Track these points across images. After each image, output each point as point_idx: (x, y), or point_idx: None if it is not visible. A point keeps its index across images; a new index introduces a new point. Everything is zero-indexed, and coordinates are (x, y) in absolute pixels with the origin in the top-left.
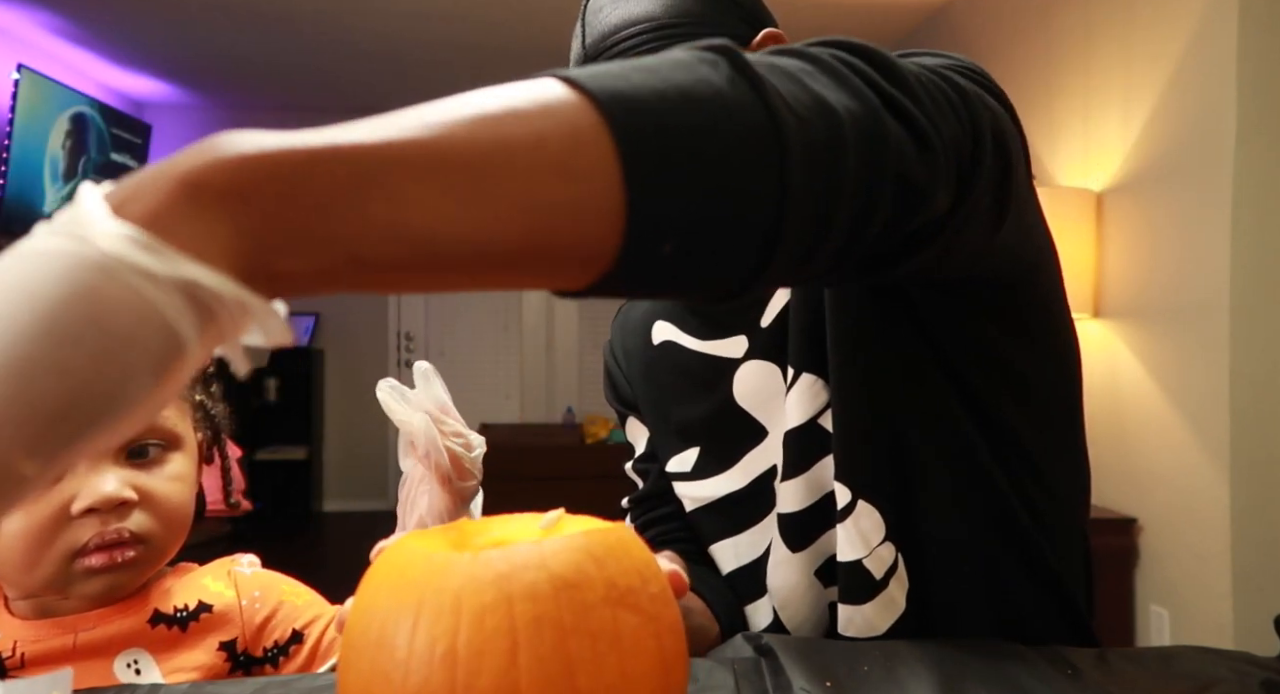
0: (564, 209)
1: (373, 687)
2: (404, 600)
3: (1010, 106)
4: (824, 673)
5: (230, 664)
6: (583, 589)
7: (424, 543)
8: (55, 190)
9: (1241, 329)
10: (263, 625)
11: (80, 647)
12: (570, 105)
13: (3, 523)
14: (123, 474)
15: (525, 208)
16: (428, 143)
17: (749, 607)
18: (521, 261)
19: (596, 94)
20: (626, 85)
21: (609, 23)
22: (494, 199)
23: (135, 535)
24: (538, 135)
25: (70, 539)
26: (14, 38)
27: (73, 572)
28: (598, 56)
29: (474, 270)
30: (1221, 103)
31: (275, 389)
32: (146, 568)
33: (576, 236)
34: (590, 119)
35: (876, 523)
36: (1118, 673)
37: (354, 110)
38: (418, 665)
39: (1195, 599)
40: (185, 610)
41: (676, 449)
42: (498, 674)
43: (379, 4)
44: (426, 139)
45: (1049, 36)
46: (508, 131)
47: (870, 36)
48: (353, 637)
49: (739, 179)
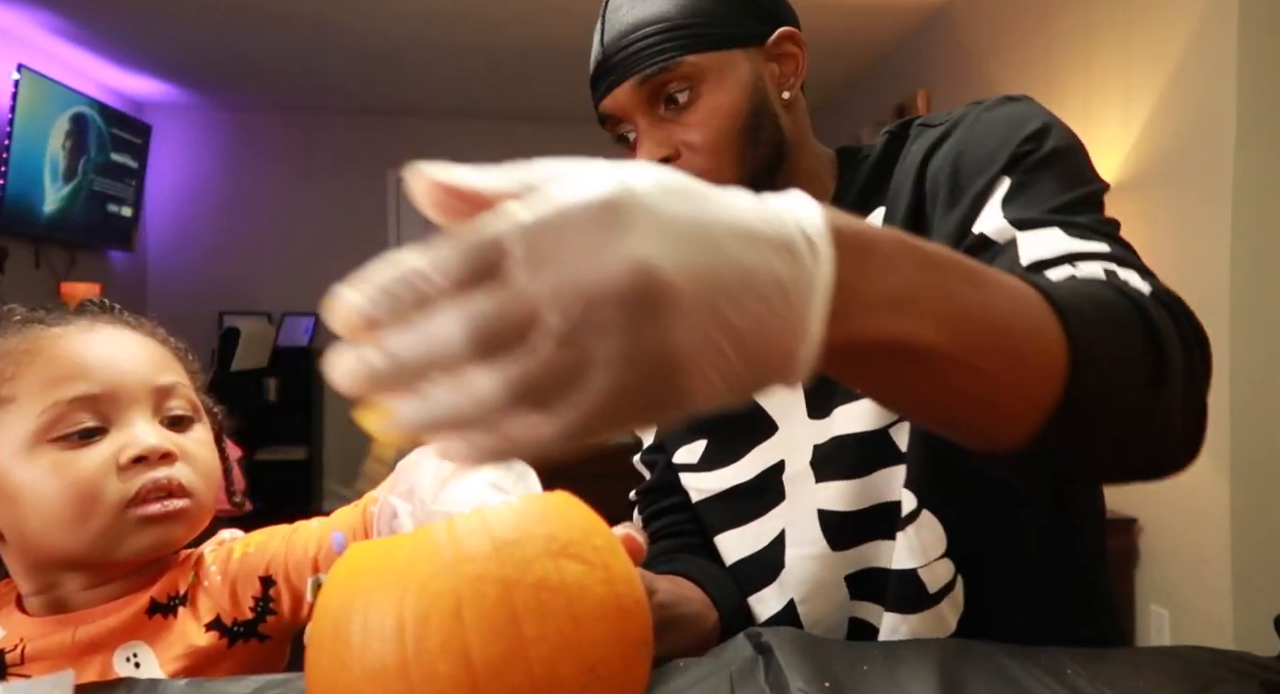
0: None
1: (334, 679)
2: (355, 591)
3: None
4: (823, 673)
5: (228, 639)
6: (522, 545)
7: (373, 543)
8: (55, 190)
9: (1241, 329)
10: (233, 592)
11: (80, 641)
12: (1056, 350)
13: (35, 490)
14: (160, 431)
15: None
16: (964, 357)
17: (753, 597)
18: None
19: (1073, 336)
20: (1092, 336)
21: (626, 21)
22: (985, 391)
23: (182, 486)
24: (1023, 366)
25: (122, 489)
26: (14, 38)
27: (126, 521)
28: (614, 54)
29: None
30: (1221, 103)
31: (275, 389)
32: (194, 522)
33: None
34: (1062, 351)
35: (939, 536)
36: (1118, 673)
37: (354, 110)
38: (371, 644)
39: (1195, 599)
40: (175, 597)
41: (685, 441)
42: (444, 634)
43: (379, 4)
44: (965, 354)
45: (1049, 36)
46: (1009, 366)
47: (870, 36)
48: (314, 640)
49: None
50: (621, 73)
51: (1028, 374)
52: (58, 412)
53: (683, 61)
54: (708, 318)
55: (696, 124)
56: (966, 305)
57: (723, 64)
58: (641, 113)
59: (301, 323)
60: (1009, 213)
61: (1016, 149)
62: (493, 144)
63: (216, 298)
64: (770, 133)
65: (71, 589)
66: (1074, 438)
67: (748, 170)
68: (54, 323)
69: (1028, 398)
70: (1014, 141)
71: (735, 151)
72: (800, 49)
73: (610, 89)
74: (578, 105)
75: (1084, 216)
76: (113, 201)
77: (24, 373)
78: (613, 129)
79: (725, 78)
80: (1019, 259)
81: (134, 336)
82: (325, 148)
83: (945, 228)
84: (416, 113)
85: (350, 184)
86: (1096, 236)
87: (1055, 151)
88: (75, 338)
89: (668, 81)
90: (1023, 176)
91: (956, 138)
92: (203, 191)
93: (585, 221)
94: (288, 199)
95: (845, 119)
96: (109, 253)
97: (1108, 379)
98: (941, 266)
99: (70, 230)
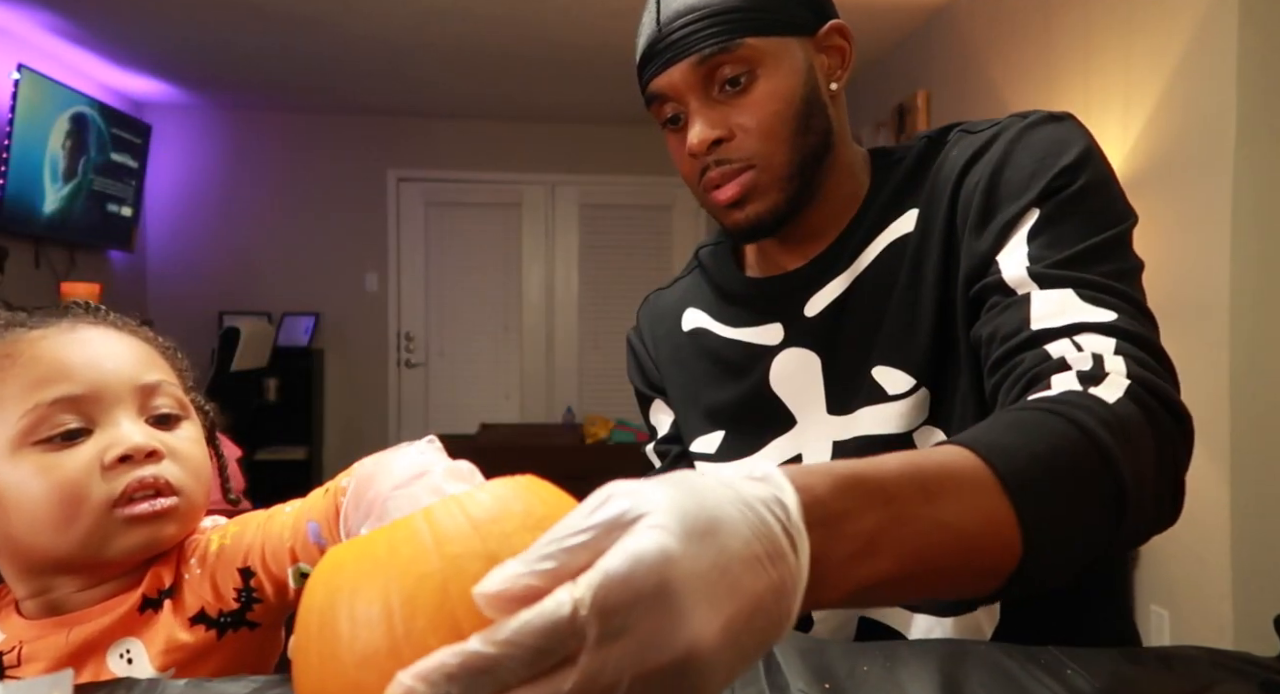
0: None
1: (325, 671)
2: (338, 587)
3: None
4: (823, 674)
5: (216, 631)
6: (500, 521)
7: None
8: (55, 190)
9: (1241, 329)
10: (214, 585)
11: (75, 642)
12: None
13: (20, 493)
14: (146, 429)
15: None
16: (918, 581)
17: None
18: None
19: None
20: (1044, 511)
21: (685, 2)
22: (940, 591)
23: (169, 484)
24: (980, 558)
25: (107, 490)
26: (14, 38)
27: (113, 522)
28: (671, 33)
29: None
30: (1221, 103)
31: (275, 389)
32: (185, 520)
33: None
34: (1014, 532)
35: None
36: (1118, 673)
37: (354, 110)
38: (359, 632)
39: (1195, 599)
40: (162, 590)
41: (702, 431)
42: (433, 611)
43: (379, 4)
44: (919, 578)
45: (1049, 36)
46: (966, 562)
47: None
48: (299, 643)
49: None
50: (678, 52)
51: (983, 562)
52: (40, 413)
53: (743, 43)
54: (734, 658)
55: (752, 107)
56: (923, 529)
57: (779, 50)
58: (695, 93)
59: (301, 323)
60: (1033, 251)
61: (1051, 181)
62: (493, 144)
63: (216, 298)
64: (820, 121)
65: (66, 591)
66: (1038, 583)
67: (798, 156)
68: (35, 325)
69: (988, 574)
70: (1050, 171)
71: (788, 136)
72: (848, 43)
73: (665, 67)
74: (578, 105)
75: (1103, 267)
76: (113, 201)
77: (4, 377)
78: (659, 111)
79: (782, 63)
80: (1029, 320)
81: (117, 336)
82: (325, 148)
83: (973, 249)
84: (416, 113)
85: (350, 184)
86: (1107, 300)
87: (1088, 186)
88: (56, 339)
89: (725, 63)
90: (1053, 210)
91: (996, 153)
92: (203, 191)
93: (646, 601)
94: (288, 199)
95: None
96: (109, 253)
97: (1063, 540)
98: (896, 496)
99: (70, 230)
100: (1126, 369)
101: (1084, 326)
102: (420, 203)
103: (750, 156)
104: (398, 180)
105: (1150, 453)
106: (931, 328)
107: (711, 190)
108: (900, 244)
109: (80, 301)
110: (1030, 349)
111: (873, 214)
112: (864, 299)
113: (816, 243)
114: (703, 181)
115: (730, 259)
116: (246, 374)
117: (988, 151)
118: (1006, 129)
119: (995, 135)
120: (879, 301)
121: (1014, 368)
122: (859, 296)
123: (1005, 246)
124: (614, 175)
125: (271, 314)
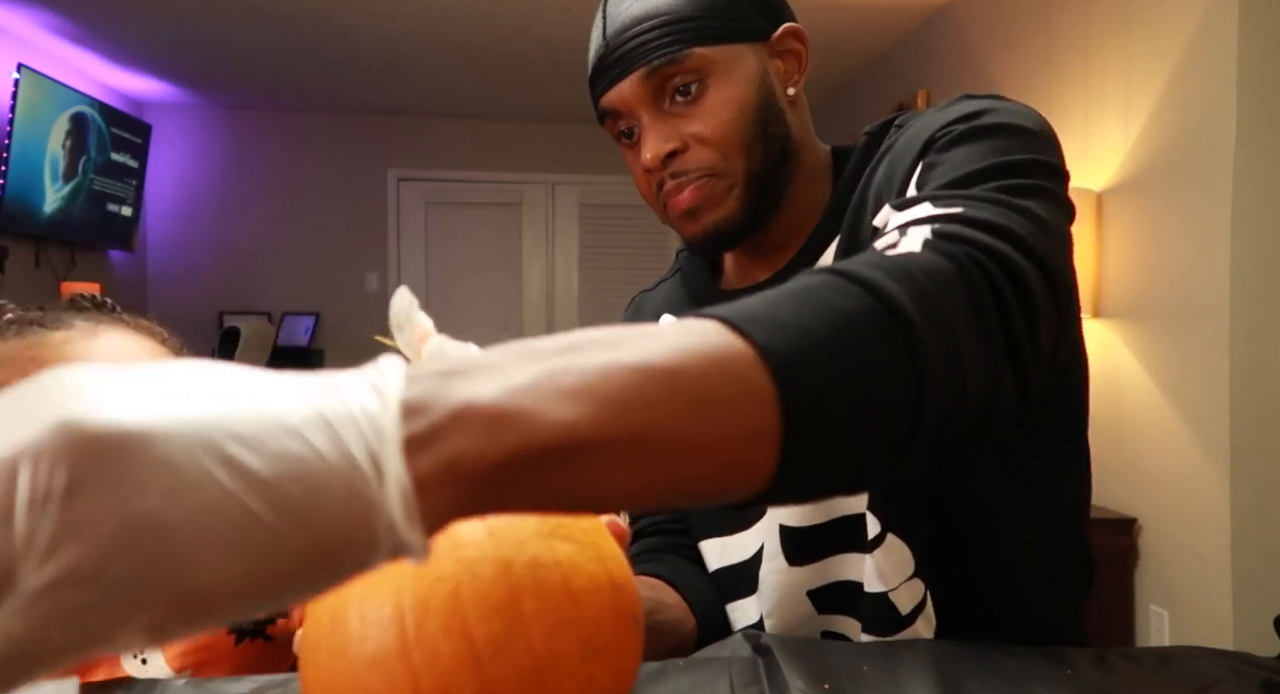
0: (733, 466)
1: (334, 671)
2: (349, 587)
3: (1066, 174)
4: (822, 674)
5: (235, 636)
6: (515, 527)
7: None
8: (55, 190)
9: (1241, 329)
10: None
11: None
12: (748, 368)
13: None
14: None
15: (703, 468)
16: (630, 432)
17: (731, 605)
18: (691, 497)
19: (770, 359)
20: (797, 344)
21: (631, 14)
22: (678, 469)
23: None
24: (721, 404)
25: None
26: (14, 38)
27: None
28: (618, 48)
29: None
30: (1221, 103)
31: None
32: None
33: (741, 479)
34: (763, 383)
35: (905, 558)
36: (1118, 673)
37: (354, 110)
38: (370, 633)
39: (1195, 599)
40: None
41: None
42: (445, 615)
43: (379, 3)
44: (628, 429)
45: (1049, 36)
46: (697, 413)
47: (870, 36)
48: (308, 639)
49: (882, 424)
50: (626, 65)
51: (725, 413)
52: None
53: (690, 53)
54: (211, 463)
55: (704, 116)
56: (606, 370)
57: (730, 57)
58: (646, 107)
59: (301, 323)
60: (900, 196)
61: (935, 133)
62: (493, 144)
63: (216, 298)
64: (777, 127)
65: None
66: (825, 452)
67: (755, 164)
68: (54, 326)
69: (740, 436)
70: (940, 124)
71: (744, 144)
72: (804, 45)
73: (614, 82)
74: (578, 105)
75: (982, 187)
76: (113, 201)
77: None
78: (613, 126)
79: (733, 71)
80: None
81: (136, 339)
82: (325, 148)
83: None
84: (416, 112)
85: (350, 184)
86: (965, 201)
87: (982, 128)
88: (80, 344)
89: (675, 74)
90: (934, 156)
91: (898, 139)
92: (203, 191)
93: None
94: (288, 199)
95: (845, 119)
96: (109, 253)
97: (831, 379)
98: (572, 347)
99: (70, 230)
100: (932, 229)
101: (920, 221)
102: (420, 202)
103: (706, 166)
104: (398, 180)
105: (959, 301)
106: None
107: (669, 202)
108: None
109: (88, 296)
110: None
111: (830, 221)
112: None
113: (783, 252)
114: (661, 195)
115: (706, 266)
116: None
117: (897, 142)
118: (924, 113)
119: (907, 120)
120: None
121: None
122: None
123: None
124: (614, 175)
125: (271, 314)
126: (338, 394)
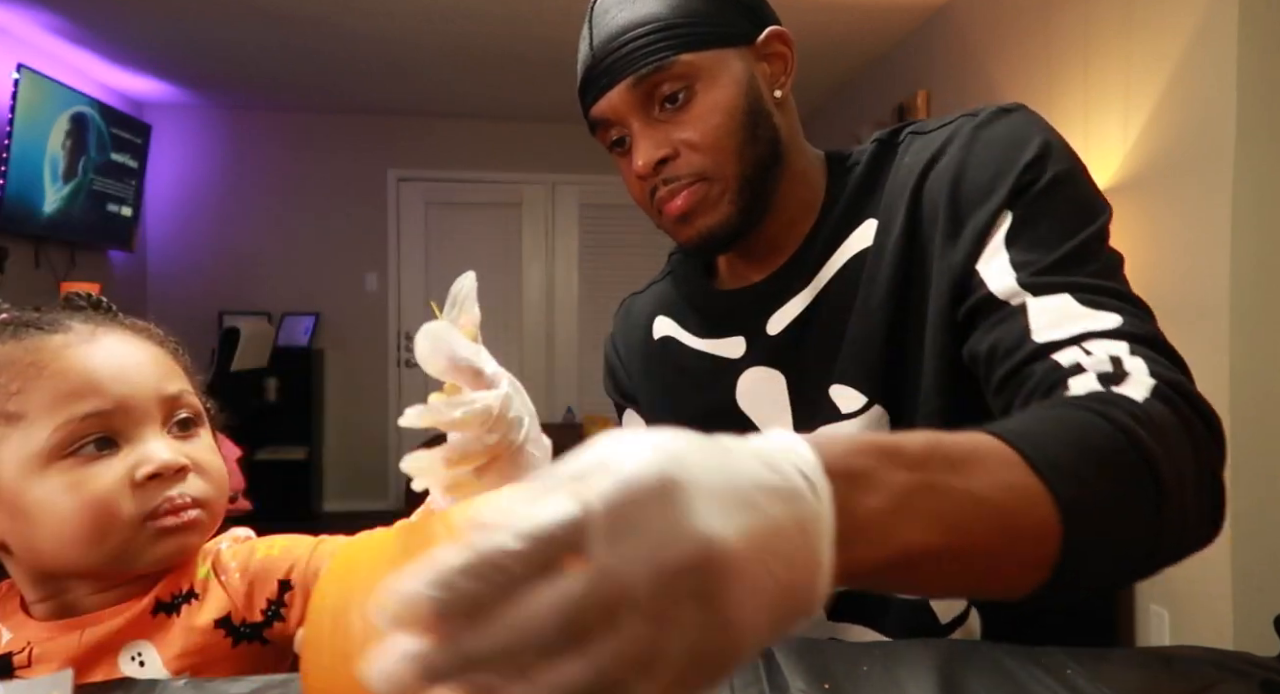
0: (1016, 580)
1: (337, 672)
2: (351, 586)
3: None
4: (823, 674)
5: (231, 638)
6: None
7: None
8: (55, 190)
9: (1241, 329)
10: (249, 592)
11: (86, 644)
12: (1045, 514)
13: (50, 508)
14: (171, 444)
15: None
16: (959, 550)
17: None
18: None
19: (1060, 505)
20: (1076, 493)
21: (616, 24)
22: (981, 578)
23: (195, 500)
24: (1023, 539)
25: (139, 505)
26: (14, 38)
27: (144, 535)
28: (605, 57)
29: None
30: (1221, 103)
31: (275, 389)
32: (207, 530)
33: (1018, 588)
34: (1053, 525)
35: None
36: (1118, 673)
37: (354, 110)
38: (374, 633)
39: (1195, 599)
40: (179, 594)
41: None
42: None
43: (379, 3)
44: (960, 547)
45: (1049, 36)
46: (1006, 542)
47: (870, 36)
48: (310, 639)
49: (1125, 563)
50: (615, 75)
51: (1023, 545)
52: (70, 429)
53: (677, 60)
54: (761, 574)
55: (693, 122)
56: (956, 499)
57: (716, 62)
58: (636, 115)
59: (301, 323)
60: (1015, 257)
61: (1018, 180)
62: (493, 144)
63: (216, 298)
64: (766, 130)
65: (79, 594)
66: (1081, 579)
67: (746, 167)
68: (52, 328)
69: (1028, 562)
70: (1014, 169)
71: (734, 148)
72: (789, 48)
73: (603, 92)
74: (578, 106)
75: (1091, 265)
76: (113, 201)
77: (31, 387)
78: (604, 136)
79: (720, 76)
80: (1030, 332)
81: (137, 342)
82: (325, 148)
83: (949, 261)
84: (416, 112)
85: (350, 184)
86: (1106, 303)
87: (1057, 179)
88: (80, 348)
89: (663, 81)
90: (1025, 210)
91: (953, 157)
92: (203, 191)
93: (652, 497)
94: (288, 199)
95: (845, 119)
96: (109, 253)
97: (1102, 527)
98: (924, 462)
99: (70, 230)
100: (1148, 369)
101: (1091, 334)
102: (420, 202)
103: (698, 171)
104: (398, 180)
105: (1187, 455)
106: (883, 342)
107: (663, 208)
108: (859, 259)
109: (84, 295)
110: (1038, 361)
111: (830, 225)
112: (825, 317)
113: (776, 255)
114: (654, 201)
115: (700, 267)
116: (246, 374)
117: (943, 157)
118: (959, 130)
119: (949, 138)
120: (839, 320)
121: (1024, 382)
122: (820, 315)
123: (982, 255)
124: (614, 175)
125: (271, 314)
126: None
